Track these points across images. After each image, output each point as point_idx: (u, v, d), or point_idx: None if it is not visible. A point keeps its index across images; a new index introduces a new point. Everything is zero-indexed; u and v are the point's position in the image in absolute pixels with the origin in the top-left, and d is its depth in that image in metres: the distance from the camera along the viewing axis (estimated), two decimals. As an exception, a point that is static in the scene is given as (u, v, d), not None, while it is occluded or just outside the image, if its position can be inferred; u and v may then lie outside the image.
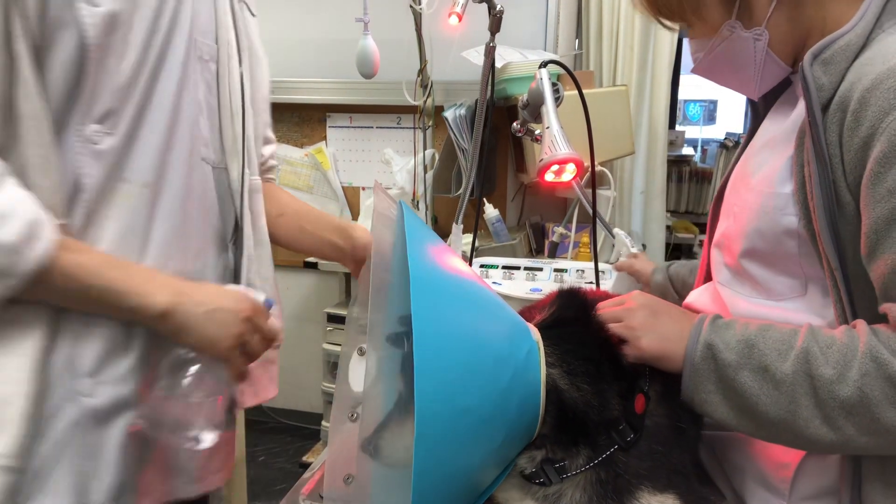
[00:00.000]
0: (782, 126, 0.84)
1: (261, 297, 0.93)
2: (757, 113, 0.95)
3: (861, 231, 0.72)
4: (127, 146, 0.82)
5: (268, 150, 1.17)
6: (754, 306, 0.84)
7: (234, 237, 1.00)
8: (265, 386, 1.04)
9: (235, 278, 0.99)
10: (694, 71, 0.89)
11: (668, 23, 0.88)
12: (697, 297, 0.98)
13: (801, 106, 0.80)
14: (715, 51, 0.83)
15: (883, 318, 0.71)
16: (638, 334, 0.79)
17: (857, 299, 0.75)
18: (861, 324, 0.72)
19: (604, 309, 0.83)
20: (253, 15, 1.05)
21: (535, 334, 0.78)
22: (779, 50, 0.82)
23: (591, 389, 0.75)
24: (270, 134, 1.18)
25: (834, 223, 0.73)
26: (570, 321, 0.82)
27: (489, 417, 0.67)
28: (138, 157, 0.83)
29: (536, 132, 1.27)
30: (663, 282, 1.26)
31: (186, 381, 0.88)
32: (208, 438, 0.91)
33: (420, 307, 0.63)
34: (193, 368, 0.88)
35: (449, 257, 0.76)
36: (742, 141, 0.98)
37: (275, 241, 1.16)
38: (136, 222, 0.84)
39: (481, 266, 1.74)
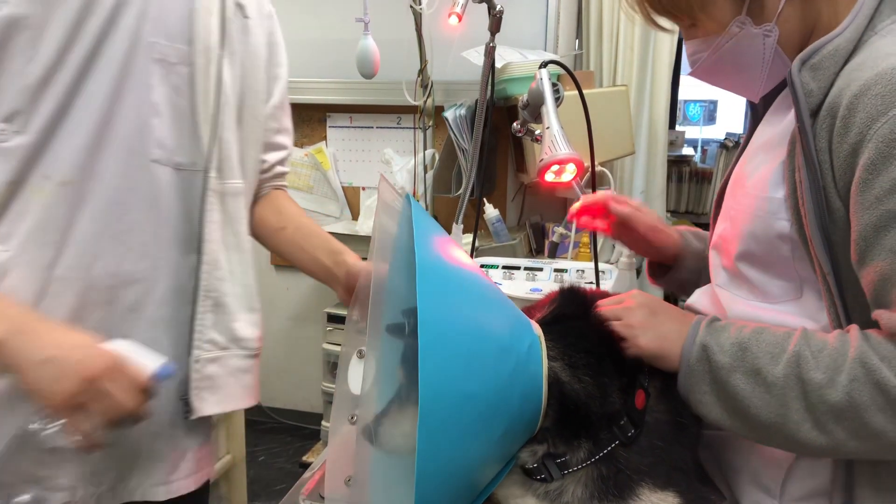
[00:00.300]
0: (778, 129, 0.83)
1: (153, 361, 0.85)
2: (756, 113, 0.94)
3: (851, 237, 0.71)
4: (42, 144, 0.84)
5: (275, 156, 1.16)
6: (751, 308, 0.83)
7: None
8: (235, 395, 1.02)
9: (196, 285, 0.96)
10: (693, 73, 0.86)
11: (665, 23, 0.86)
12: (697, 299, 0.98)
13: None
14: (721, 49, 0.81)
15: (877, 323, 0.71)
16: (636, 332, 0.79)
17: (850, 303, 0.74)
18: (854, 329, 0.72)
19: (603, 307, 0.83)
20: (245, 17, 1.03)
21: (537, 329, 0.79)
22: (786, 47, 0.80)
23: (592, 382, 0.76)
24: (281, 140, 1.16)
25: (825, 229, 0.73)
26: (571, 317, 0.83)
27: (491, 407, 0.68)
28: (58, 155, 0.84)
29: (536, 132, 1.27)
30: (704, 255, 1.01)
31: (47, 433, 0.82)
32: (54, 499, 0.88)
33: (425, 292, 0.63)
34: (59, 422, 0.81)
35: (453, 250, 0.76)
36: (741, 141, 0.97)
37: (275, 253, 1.17)
38: (54, 218, 0.85)
39: (481, 266, 1.74)
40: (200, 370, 0.96)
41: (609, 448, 0.75)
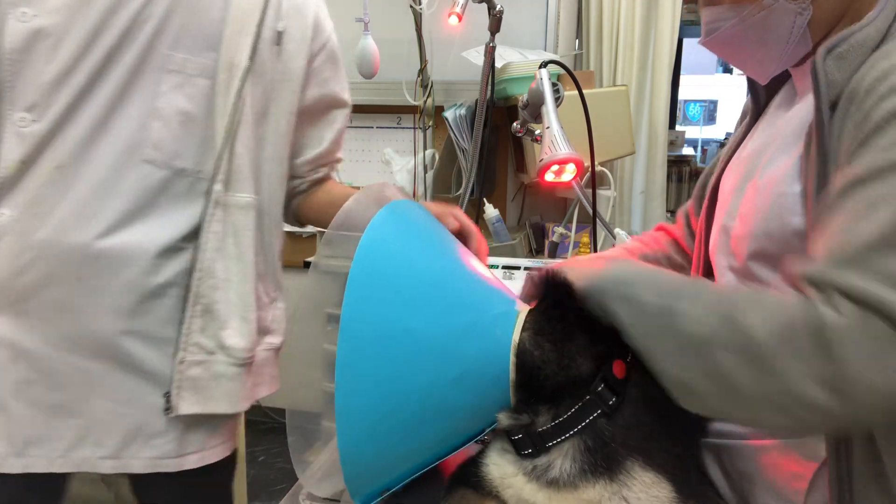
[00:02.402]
0: (788, 122, 0.81)
1: None
2: (758, 102, 0.91)
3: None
4: (52, 133, 0.95)
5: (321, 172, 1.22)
6: None
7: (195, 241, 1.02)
8: (215, 398, 1.05)
9: (187, 289, 1.01)
10: (706, 42, 0.82)
11: None
12: None
13: (808, 102, 0.76)
14: (748, 21, 0.76)
15: None
16: (566, 269, 0.78)
17: None
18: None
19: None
20: (278, 44, 1.07)
21: (520, 306, 0.80)
22: (814, 29, 0.76)
23: (552, 348, 0.75)
24: (328, 152, 1.21)
25: None
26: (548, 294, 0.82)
27: (434, 347, 0.73)
28: (61, 143, 0.96)
29: (536, 132, 1.27)
30: None
31: None
32: None
33: (375, 237, 0.79)
34: None
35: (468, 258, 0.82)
36: (738, 134, 0.93)
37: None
38: (47, 194, 0.96)
39: (481, 266, 1.73)
40: (183, 371, 1.01)
41: (591, 417, 0.73)
